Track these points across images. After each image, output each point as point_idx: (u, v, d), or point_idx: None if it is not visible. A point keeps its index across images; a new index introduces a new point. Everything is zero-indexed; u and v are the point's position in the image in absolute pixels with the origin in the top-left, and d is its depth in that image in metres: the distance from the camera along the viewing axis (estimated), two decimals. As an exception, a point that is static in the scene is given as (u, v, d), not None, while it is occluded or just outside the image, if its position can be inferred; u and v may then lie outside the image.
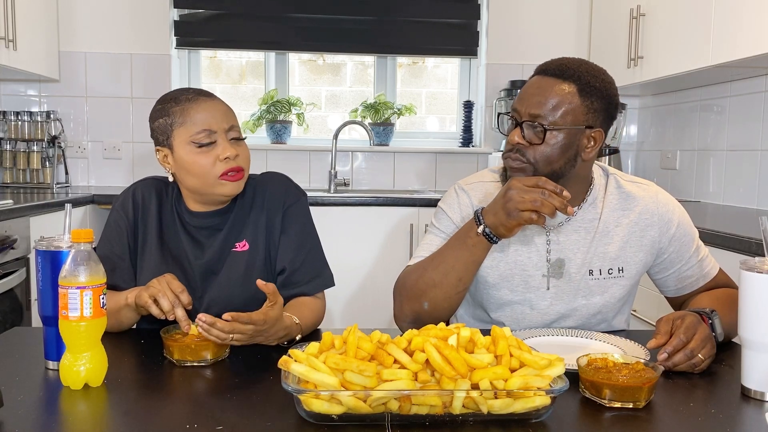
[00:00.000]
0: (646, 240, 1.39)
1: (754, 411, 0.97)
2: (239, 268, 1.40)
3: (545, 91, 1.29)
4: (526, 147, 1.30)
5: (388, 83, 3.87)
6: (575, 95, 1.29)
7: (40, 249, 1.08)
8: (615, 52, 3.23)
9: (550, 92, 1.29)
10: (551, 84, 1.30)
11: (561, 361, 0.92)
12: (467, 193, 1.45)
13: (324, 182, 3.67)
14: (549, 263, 1.38)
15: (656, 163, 3.54)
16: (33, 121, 3.39)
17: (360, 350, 0.90)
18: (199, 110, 1.35)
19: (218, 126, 1.35)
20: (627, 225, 1.39)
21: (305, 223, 1.47)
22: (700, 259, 1.42)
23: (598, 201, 1.40)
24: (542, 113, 1.28)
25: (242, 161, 1.38)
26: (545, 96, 1.29)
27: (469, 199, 1.44)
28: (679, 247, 1.41)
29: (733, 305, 1.31)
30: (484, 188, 1.45)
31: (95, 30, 3.52)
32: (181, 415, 0.93)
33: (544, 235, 1.39)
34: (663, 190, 1.46)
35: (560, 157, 1.30)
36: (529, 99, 1.30)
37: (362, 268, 3.07)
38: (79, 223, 2.87)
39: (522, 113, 1.31)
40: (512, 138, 1.31)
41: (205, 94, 1.40)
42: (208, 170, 1.34)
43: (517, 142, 1.30)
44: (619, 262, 1.39)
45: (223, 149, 1.35)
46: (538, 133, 1.29)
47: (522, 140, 1.30)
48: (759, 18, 2.24)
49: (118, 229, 1.42)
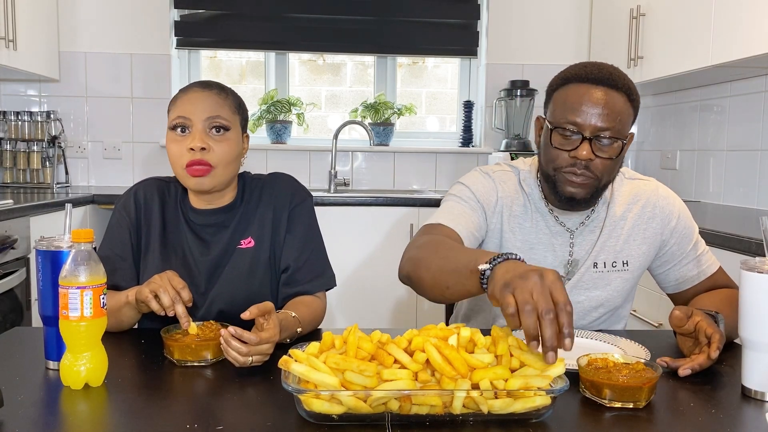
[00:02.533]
0: (649, 232, 1.42)
1: (755, 411, 0.97)
2: (244, 264, 1.41)
3: (608, 104, 1.26)
4: (592, 161, 1.28)
5: (388, 83, 3.88)
6: (628, 105, 1.29)
7: (41, 249, 1.08)
8: (615, 52, 3.23)
9: (613, 104, 1.26)
10: (609, 95, 1.27)
11: (561, 361, 0.92)
12: (493, 179, 1.43)
13: (324, 182, 3.67)
14: (569, 265, 1.40)
15: (656, 163, 3.54)
16: (33, 121, 3.39)
17: (360, 350, 0.90)
18: (184, 98, 1.37)
19: (196, 116, 1.34)
20: (631, 218, 1.42)
21: (311, 224, 1.48)
22: (700, 254, 1.44)
23: (605, 198, 1.42)
24: (612, 126, 1.26)
25: (212, 156, 1.34)
26: (609, 108, 1.26)
27: (495, 184, 1.42)
28: (680, 239, 1.43)
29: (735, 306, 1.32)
30: (506, 177, 1.44)
31: (95, 30, 3.52)
32: (181, 415, 0.93)
33: (567, 237, 1.40)
34: (663, 184, 1.49)
35: (617, 168, 1.32)
36: (593, 111, 1.26)
37: (362, 268, 3.07)
38: (79, 223, 2.87)
39: (586, 126, 1.26)
40: (580, 153, 1.26)
41: (203, 85, 1.39)
42: (176, 159, 1.36)
43: (587, 157, 1.26)
44: (623, 255, 1.41)
45: (193, 138, 1.34)
46: (605, 147, 1.27)
47: (593, 156, 1.27)
48: (759, 18, 2.24)
49: (120, 230, 1.42)
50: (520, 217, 1.41)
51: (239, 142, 1.41)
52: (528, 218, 1.41)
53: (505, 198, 1.41)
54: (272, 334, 1.09)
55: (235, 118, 1.41)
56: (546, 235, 1.40)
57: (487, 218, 1.40)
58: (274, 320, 1.12)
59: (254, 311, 1.10)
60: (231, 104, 1.40)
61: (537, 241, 1.40)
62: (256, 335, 1.07)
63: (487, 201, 1.40)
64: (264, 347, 1.08)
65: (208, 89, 1.38)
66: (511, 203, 1.41)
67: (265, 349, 1.09)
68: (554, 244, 1.40)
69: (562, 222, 1.41)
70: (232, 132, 1.38)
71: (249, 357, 1.07)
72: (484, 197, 1.40)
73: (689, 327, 1.13)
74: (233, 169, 1.40)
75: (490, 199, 1.40)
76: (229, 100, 1.40)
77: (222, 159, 1.36)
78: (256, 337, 1.07)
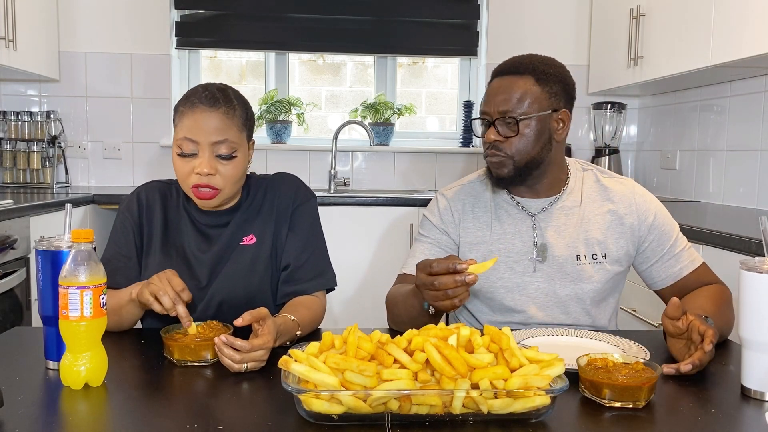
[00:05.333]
0: (625, 228, 1.47)
1: (754, 411, 0.97)
2: (245, 260, 1.43)
3: (507, 88, 1.41)
4: (502, 142, 1.41)
5: (388, 83, 3.88)
6: (534, 84, 1.41)
7: (41, 249, 1.08)
8: (615, 53, 3.23)
9: (511, 88, 1.40)
10: (510, 81, 1.41)
11: (561, 361, 0.92)
12: (446, 197, 1.55)
13: (324, 182, 3.67)
14: (536, 247, 1.45)
15: (656, 163, 3.54)
16: (33, 121, 3.39)
17: (360, 350, 0.90)
18: (192, 118, 1.34)
19: (204, 138, 1.33)
20: (606, 213, 1.47)
21: (313, 224, 1.49)
22: (681, 251, 1.47)
23: (576, 190, 1.49)
24: (510, 108, 1.39)
25: (219, 181, 1.35)
26: (508, 93, 1.40)
27: (448, 202, 1.54)
28: (659, 236, 1.47)
29: (724, 304, 1.34)
30: (465, 189, 1.55)
31: (95, 30, 3.52)
32: (181, 415, 0.93)
33: (529, 221, 1.47)
34: (639, 184, 1.54)
35: (536, 144, 1.41)
36: (494, 99, 1.41)
37: (362, 268, 3.08)
38: (79, 223, 2.87)
39: (491, 113, 1.41)
40: (488, 136, 1.42)
41: (211, 101, 1.35)
42: (184, 178, 1.37)
43: (493, 139, 1.41)
44: (602, 248, 1.46)
45: (200, 163, 1.33)
46: (511, 126, 1.40)
47: (498, 136, 1.41)
48: (759, 18, 2.24)
49: (125, 230, 1.44)
50: (483, 214, 1.51)
51: (246, 158, 1.41)
52: (491, 212, 1.50)
53: (461, 208, 1.52)
54: (265, 340, 1.09)
55: (243, 137, 1.39)
56: (511, 223, 1.49)
57: (452, 236, 1.52)
58: (269, 326, 1.12)
59: (247, 318, 1.11)
60: (238, 122, 1.38)
61: (503, 230, 1.48)
62: (248, 342, 1.07)
63: (446, 221, 1.53)
64: (257, 354, 1.08)
65: (216, 108, 1.34)
66: (471, 207, 1.52)
67: (259, 356, 1.09)
68: (521, 230, 1.47)
69: (524, 207, 1.49)
70: (239, 152, 1.38)
71: (243, 364, 1.07)
72: (441, 220, 1.53)
73: (682, 325, 1.14)
74: (240, 184, 1.43)
75: (446, 219, 1.53)
76: (236, 118, 1.37)
77: (229, 181, 1.37)
78: (248, 345, 1.07)
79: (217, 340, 1.07)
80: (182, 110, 1.36)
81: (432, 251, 1.51)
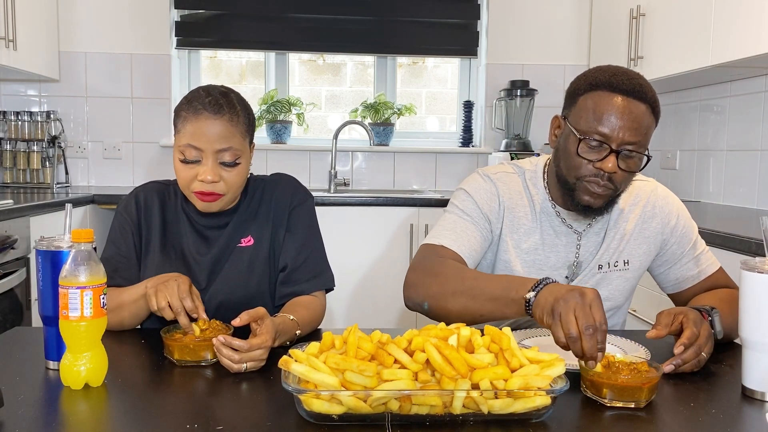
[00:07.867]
0: (649, 231, 1.42)
1: (755, 411, 0.97)
2: (243, 262, 1.43)
3: (637, 117, 1.24)
4: (616, 174, 1.26)
5: (388, 83, 3.88)
6: (652, 118, 1.27)
7: (41, 249, 1.08)
8: (615, 52, 3.23)
9: (640, 118, 1.24)
10: (637, 108, 1.24)
11: (561, 361, 0.92)
12: (494, 182, 1.41)
13: (324, 182, 3.67)
14: (573, 266, 1.40)
15: (656, 163, 3.54)
16: (33, 121, 3.39)
17: (360, 350, 0.90)
18: (195, 125, 1.32)
19: (207, 146, 1.32)
20: (632, 219, 1.42)
21: (310, 225, 1.49)
22: (699, 253, 1.44)
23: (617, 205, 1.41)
24: (639, 140, 1.25)
25: (222, 187, 1.35)
26: (638, 122, 1.24)
27: (496, 188, 1.40)
28: (679, 238, 1.43)
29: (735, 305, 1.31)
30: (508, 179, 1.42)
31: (95, 30, 3.52)
32: (181, 415, 0.93)
33: (574, 238, 1.40)
34: (661, 184, 1.49)
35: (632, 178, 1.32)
36: (621, 125, 1.23)
37: (362, 268, 3.08)
38: (79, 223, 2.87)
39: (614, 139, 1.24)
40: (606, 165, 1.25)
41: (215, 108, 1.33)
42: (186, 184, 1.36)
43: (612, 170, 1.25)
44: (625, 255, 1.41)
45: (204, 171, 1.33)
46: (632, 160, 1.26)
47: (618, 169, 1.25)
48: (759, 18, 2.24)
49: (123, 231, 1.44)
50: (522, 219, 1.40)
51: (249, 164, 1.41)
52: (531, 220, 1.40)
53: (507, 201, 1.40)
54: (264, 339, 1.09)
55: (245, 143, 1.39)
56: (550, 236, 1.39)
57: (492, 227, 1.39)
58: (267, 325, 1.12)
59: (245, 317, 1.11)
60: (242, 129, 1.37)
61: (540, 242, 1.39)
62: (246, 342, 1.07)
63: (491, 208, 1.39)
64: (256, 353, 1.08)
65: (220, 115, 1.33)
66: (513, 206, 1.40)
67: (258, 355, 1.09)
68: (558, 245, 1.39)
69: (569, 224, 1.40)
70: (243, 158, 1.37)
71: (242, 363, 1.07)
72: (488, 205, 1.39)
73: (674, 328, 1.14)
74: (242, 188, 1.43)
75: (492, 206, 1.39)
76: (240, 125, 1.36)
77: (232, 187, 1.37)
78: (247, 344, 1.07)
79: (215, 341, 1.08)
80: (185, 115, 1.34)
81: (476, 237, 1.36)
